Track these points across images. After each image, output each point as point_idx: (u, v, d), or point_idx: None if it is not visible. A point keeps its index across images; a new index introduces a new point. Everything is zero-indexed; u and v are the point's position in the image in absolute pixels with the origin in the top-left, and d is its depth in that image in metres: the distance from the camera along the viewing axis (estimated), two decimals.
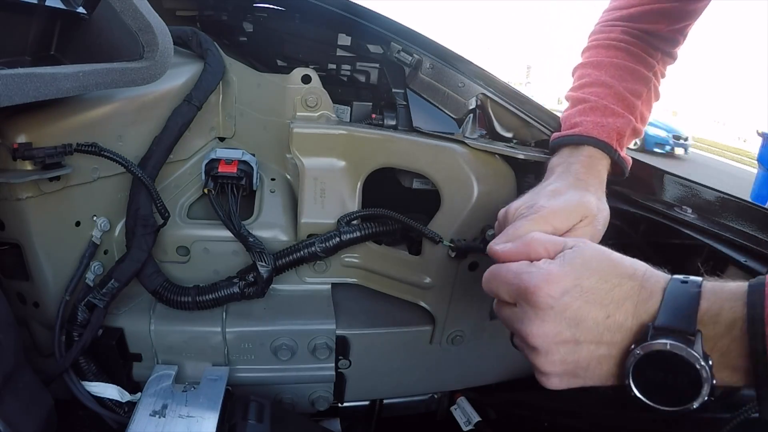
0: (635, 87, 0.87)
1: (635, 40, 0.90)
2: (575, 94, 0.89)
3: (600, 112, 0.84)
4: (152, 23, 0.73)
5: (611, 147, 0.81)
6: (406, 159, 0.93)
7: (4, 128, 0.67)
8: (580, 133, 0.83)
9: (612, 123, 0.82)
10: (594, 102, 0.85)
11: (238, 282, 0.89)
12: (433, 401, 1.27)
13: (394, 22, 1.01)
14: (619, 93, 0.85)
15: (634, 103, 0.86)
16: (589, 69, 0.90)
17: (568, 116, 0.87)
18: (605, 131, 0.82)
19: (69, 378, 0.79)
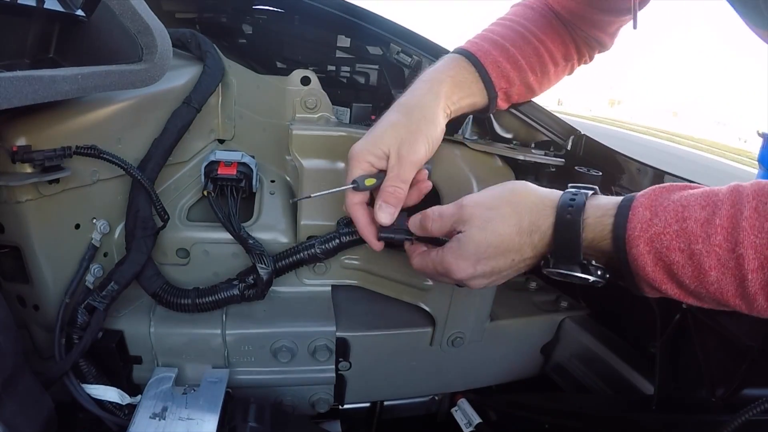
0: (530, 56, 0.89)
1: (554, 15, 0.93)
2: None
3: (488, 41, 0.87)
4: (151, 25, 0.73)
5: (473, 55, 0.84)
6: None
7: (3, 131, 0.67)
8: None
9: (490, 51, 0.85)
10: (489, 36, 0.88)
11: (238, 284, 0.89)
12: (434, 403, 1.27)
13: (393, 23, 1.01)
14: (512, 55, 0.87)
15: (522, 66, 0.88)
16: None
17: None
18: (481, 50, 0.85)
19: (69, 381, 0.79)
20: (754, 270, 0.48)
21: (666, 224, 0.53)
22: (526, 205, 0.63)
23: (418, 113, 0.76)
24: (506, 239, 0.63)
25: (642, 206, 0.55)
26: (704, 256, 0.51)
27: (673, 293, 0.56)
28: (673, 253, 0.52)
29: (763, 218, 0.48)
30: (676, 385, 0.82)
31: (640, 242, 0.54)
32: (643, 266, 0.55)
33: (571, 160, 0.97)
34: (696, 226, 0.51)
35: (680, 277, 0.53)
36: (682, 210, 0.53)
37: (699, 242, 0.51)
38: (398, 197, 0.73)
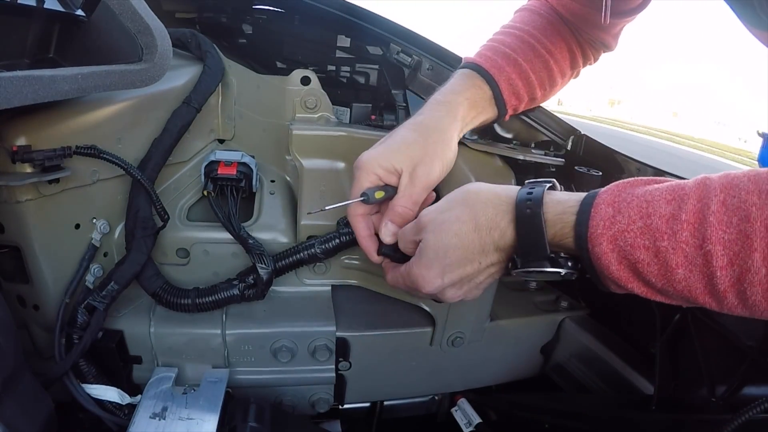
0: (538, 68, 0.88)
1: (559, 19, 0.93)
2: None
3: (502, 55, 0.86)
4: (151, 25, 0.73)
5: (490, 75, 0.83)
6: None
7: (3, 131, 0.67)
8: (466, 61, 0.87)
9: (501, 63, 0.85)
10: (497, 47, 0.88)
11: (238, 284, 0.89)
12: (434, 403, 1.27)
13: (393, 23, 1.01)
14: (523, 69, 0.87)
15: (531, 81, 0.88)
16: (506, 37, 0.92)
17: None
18: (496, 67, 0.84)
19: (69, 380, 0.79)
20: (723, 267, 0.46)
21: (630, 221, 0.51)
22: (480, 203, 0.62)
23: (435, 136, 0.76)
24: (464, 238, 0.61)
25: (604, 203, 0.53)
26: (670, 253, 0.49)
27: (639, 291, 0.54)
28: (638, 251, 0.50)
29: (732, 213, 0.46)
30: (676, 384, 0.82)
31: (602, 240, 0.52)
32: (607, 265, 0.53)
33: (571, 160, 0.97)
34: (661, 222, 0.49)
35: (646, 276, 0.51)
36: (646, 205, 0.51)
37: (665, 239, 0.49)
38: (406, 219, 0.73)
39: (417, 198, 0.73)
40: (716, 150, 15.64)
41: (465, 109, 0.80)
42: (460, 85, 0.83)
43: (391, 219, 0.73)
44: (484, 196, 0.62)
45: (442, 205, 0.66)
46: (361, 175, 0.74)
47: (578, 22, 0.91)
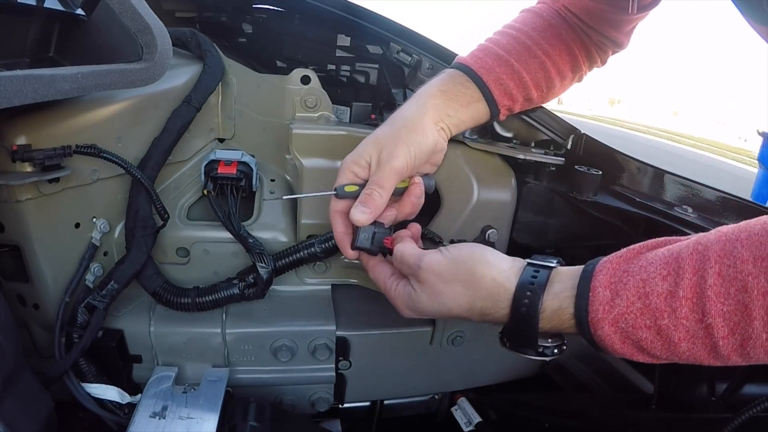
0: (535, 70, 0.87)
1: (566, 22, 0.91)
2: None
3: (493, 55, 0.85)
4: (151, 24, 0.73)
5: (475, 73, 0.82)
6: None
7: (3, 130, 0.67)
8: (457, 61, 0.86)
9: (492, 65, 0.84)
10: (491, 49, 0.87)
11: (238, 283, 0.89)
12: (434, 402, 1.27)
13: (393, 22, 1.01)
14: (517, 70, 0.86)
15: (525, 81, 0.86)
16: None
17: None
18: (476, 61, 0.84)
19: (69, 380, 0.79)
20: (724, 337, 0.47)
21: (628, 303, 0.51)
22: (481, 291, 0.62)
23: (400, 122, 0.76)
24: (454, 313, 0.65)
25: (601, 285, 0.54)
26: (672, 330, 0.49)
27: (646, 361, 0.55)
28: (640, 331, 0.51)
29: (729, 284, 0.47)
30: (676, 383, 0.82)
31: (604, 324, 0.53)
32: (611, 345, 0.54)
33: (571, 160, 0.97)
34: (659, 300, 0.50)
35: (651, 351, 0.52)
36: (642, 285, 0.51)
37: (665, 317, 0.49)
38: (375, 201, 0.72)
39: (383, 181, 0.73)
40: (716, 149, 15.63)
41: (438, 99, 0.79)
42: (436, 80, 0.83)
43: (360, 200, 0.73)
44: (486, 284, 0.62)
45: (444, 271, 0.65)
46: (339, 174, 0.76)
47: (592, 20, 0.90)
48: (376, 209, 0.73)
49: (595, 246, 1.00)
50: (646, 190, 0.95)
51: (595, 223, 0.97)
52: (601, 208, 0.95)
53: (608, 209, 0.94)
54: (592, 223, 0.98)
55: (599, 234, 0.99)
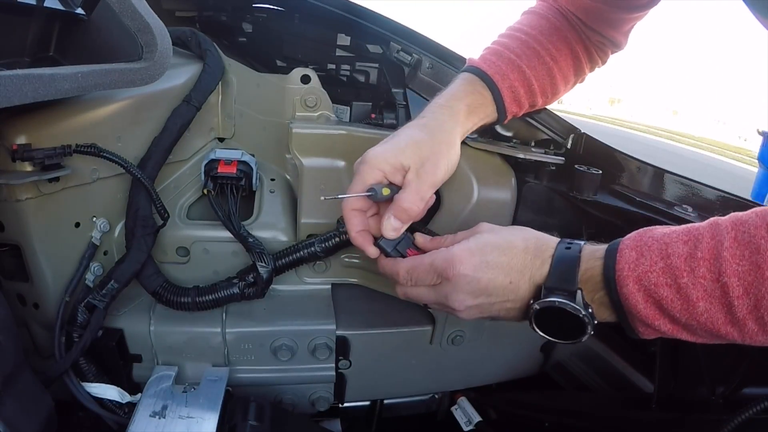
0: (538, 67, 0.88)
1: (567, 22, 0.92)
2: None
3: (506, 61, 0.85)
4: (151, 24, 0.73)
5: (492, 81, 0.83)
6: None
7: (3, 129, 0.67)
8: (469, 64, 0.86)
9: (502, 66, 0.84)
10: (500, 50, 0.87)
11: (238, 282, 0.89)
12: (434, 401, 1.27)
13: (393, 22, 1.01)
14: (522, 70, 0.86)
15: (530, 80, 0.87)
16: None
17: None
18: (499, 73, 0.84)
19: (69, 379, 0.79)
20: (739, 296, 0.50)
21: (652, 262, 0.55)
22: (532, 234, 0.67)
23: (440, 136, 0.75)
24: (513, 250, 0.65)
25: (628, 248, 0.58)
26: (691, 288, 0.53)
27: (666, 329, 0.57)
28: (661, 289, 0.54)
29: (743, 246, 0.51)
30: (676, 383, 0.82)
31: (629, 281, 0.56)
32: (635, 304, 0.57)
33: (571, 159, 0.97)
34: (680, 261, 0.54)
35: (671, 311, 0.55)
36: (665, 247, 0.56)
37: (684, 276, 0.53)
38: (411, 215, 0.72)
39: (424, 195, 0.72)
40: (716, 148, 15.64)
41: (465, 115, 0.80)
42: (462, 90, 0.82)
43: (396, 215, 0.71)
44: (536, 233, 0.67)
45: (497, 225, 0.70)
46: (365, 170, 0.73)
47: (590, 20, 0.90)
48: (408, 223, 0.73)
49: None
50: (646, 189, 0.95)
51: (595, 223, 0.97)
52: (601, 207, 0.95)
53: (608, 208, 0.94)
54: (592, 223, 0.98)
55: (599, 233, 0.98)
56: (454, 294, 0.66)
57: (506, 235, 0.67)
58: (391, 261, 0.74)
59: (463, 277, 0.64)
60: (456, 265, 0.65)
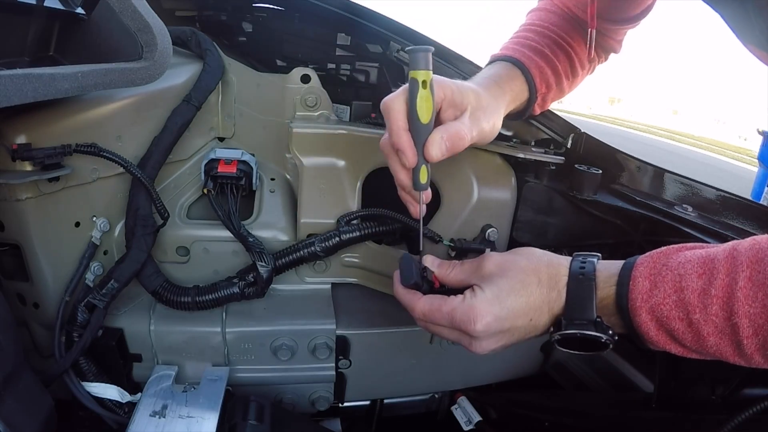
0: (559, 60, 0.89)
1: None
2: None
3: (528, 47, 0.87)
4: (151, 23, 0.73)
5: (523, 65, 0.83)
6: None
7: (4, 129, 0.67)
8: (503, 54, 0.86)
9: (533, 57, 0.85)
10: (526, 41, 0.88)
11: (238, 282, 0.89)
12: (434, 401, 1.27)
13: (393, 21, 1.01)
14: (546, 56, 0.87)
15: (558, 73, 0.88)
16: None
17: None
18: (526, 57, 0.85)
19: (69, 379, 0.79)
20: (748, 336, 0.51)
21: (665, 294, 0.55)
22: (544, 263, 0.65)
23: (494, 99, 0.75)
24: (528, 290, 0.63)
25: (642, 276, 0.58)
26: (702, 324, 0.53)
27: (677, 351, 0.58)
28: (673, 322, 0.55)
29: (757, 288, 0.50)
30: (676, 383, 0.82)
31: (642, 312, 0.57)
32: (647, 332, 0.57)
33: (571, 159, 0.97)
34: (693, 296, 0.54)
35: (682, 341, 0.56)
36: (679, 279, 0.55)
37: (697, 312, 0.53)
38: (456, 143, 0.66)
39: (474, 133, 0.69)
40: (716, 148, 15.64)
41: (510, 99, 0.80)
42: (504, 75, 0.82)
43: (448, 136, 0.66)
44: (546, 257, 0.66)
45: (503, 256, 0.68)
46: (439, 81, 0.67)
47: (584, 26, 0.92)
48: (453, 153, 0.67)
49: (595, 245, 1.00)
50: (646, 188, 0.95)
51: (595, 222, 0.97)
52: (601, 206, 0.95)
53: (608, 208, 0.94)
54: (592, 222, 0.98)
55: (599, 233, 0.99)
56: (476, 343, 0.65)
57: (518, 274, 0.64)
58: (408, 295, 0.71)
59: (486, 329, 0.63)
60: (477, 321, 0.62)
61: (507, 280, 0.64)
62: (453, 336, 0.67)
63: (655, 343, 0.58)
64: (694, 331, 0.54)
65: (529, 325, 0.64)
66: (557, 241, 1.03)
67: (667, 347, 0.58)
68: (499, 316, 0.63)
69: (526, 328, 0.64)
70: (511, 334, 0.65)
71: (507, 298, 0.63)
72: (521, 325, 0.64)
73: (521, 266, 0.65)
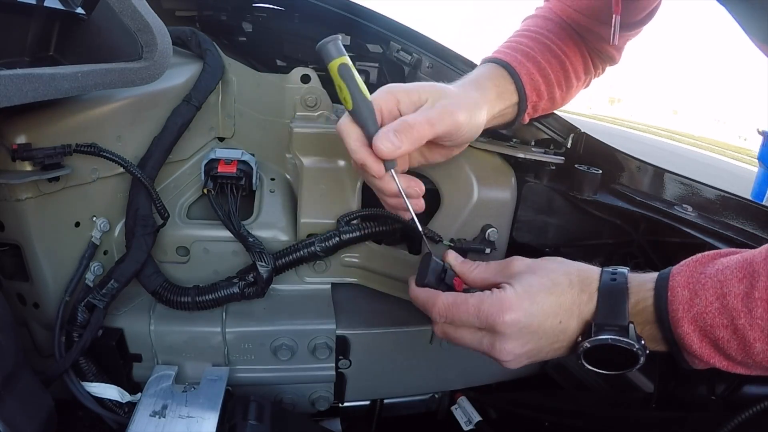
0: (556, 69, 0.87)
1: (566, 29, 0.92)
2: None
3: (520, 51, 0.84)
4: (151, 23, 0.73)
5: (512, 67, 0.81)
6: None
7: (3, 129, 0.67)
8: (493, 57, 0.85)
9: (525, 63, 0.83)
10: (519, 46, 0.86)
11: (238, 282, 0.89)
12: (434, 401, 1.27)
13: (393, 21, 1.01)
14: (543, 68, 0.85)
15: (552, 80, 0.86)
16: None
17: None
18: (516, 61, 0.82)
19: (69, 378, 0.79)
20: None
21: (707, 302, 0.54)
22: (574, 266, 0.64)
23: (464, 92, 0.73)
24: (559, 290, 0.61)
25: (680, 285, 0.56)
26: (748, 329, 0.51)
27: (721, 365, 0.56)
28: (718, 330, 0.53)
29: None
30: (676, 383, 0.82)
31: (684, 322, 0.55)
32: (690, 344, 0.55)
33: (571, 159, 0.97)
34: (736, 301, 0.52)
35: (727, 351, 0.54)
36: (720, 286, 0.53)
37: (741, 317, 0.51)
38: (411, 135, 0.62)
39: (433, 122, 0.64)
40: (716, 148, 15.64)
41: (493, 96, 0.78)
42: (487, 73, 0.80)
43: (396, 127, 0.62)
44: (575, 263, 0.64)
45: (531, 260, 0.66)
46: (379, 94, 0.66)
47: (584, 33, 0.91)
48: (407, 146, 0.62)
49: (595, 245, 1.00)
50: (646, 188, 0.95)
51: (595, 222, 0.97)
52: (601, 206, 0.95)
53: (608, 208, 0.94)
54: (593, 222, 0.98)
55: (599, 233, 0.99)
56: (501, 343, 0.61)
57: (549, 273, 0.62)
58: (427, 292, 0.67)
59: (514, 324, 0.59)
60: (506, 312, 0.59)
61: (538, 278, 0.62)
62: (475, 339, 0.64)
63: (699, 356, 0.56)
64: (739, 338, 0.52)
65: (557, 327, 0.60)
66: (557, 241, 1.03)
67: (711, 361, 0.56)
68: (530, 312, 0.59)
69: (554, 332, 0.61)
70: (539, 338, 0.61)
71: (537, 294, 0.60)
72: (549, 327, 0.60)
73: (552, 267, 0.63)
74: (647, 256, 0.93)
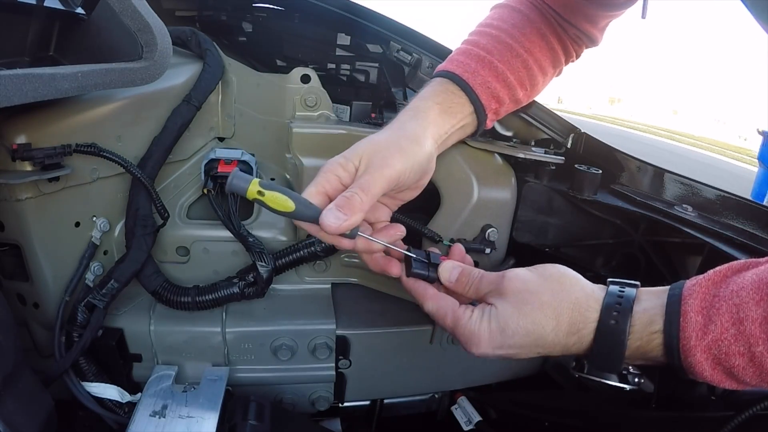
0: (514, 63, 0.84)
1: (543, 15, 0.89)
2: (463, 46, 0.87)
3: (476, 58, 0.82)
4: (151, 23, 0.73)
5: (462, 79, 0.79)
6: None
7: (3, 129, 0.67)
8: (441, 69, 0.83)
9: (475, 68, 0.80)
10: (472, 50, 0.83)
11: (238, 282, 0.89)
12: (434, 401, 1.27)
13: (393, 21, 1.01)
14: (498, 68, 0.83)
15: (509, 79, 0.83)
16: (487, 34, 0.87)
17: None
18: (469, 71, 0.80)
19: (69, 379, 0.79)
20: None
21: (722, 329, 0.50)
22: (569, 302, 0.59)
23: (400, 132, 0.72)
24: (540, 333, 0.59)
25: (693, 311, 0.53)
26: (766, 357, 0.48)
27: (731, 386, 0.54)
28: (733, 358, 0.50)
29: None
30: (676, 383, 0.82)
31: (696, 352, 0.52)
32: (701, 372, 0.53)
33: (571, 159, 0.97)
34: (754, 326, 0.49)
35: (741, 377, 0.51)
36: (736, 310, 0.50)
37: (760, 344, 0.48)
38: (354, 207, 0.63)
39: (368, 186, 0.64)
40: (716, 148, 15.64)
41: (436, 114, 0.76)
42: (429, 92, 0.79)
43: (337, 203, 0.63)
44: (575, 294, 0.60)
45: (529, 277, 0.63)
46: (318, 175, 0.67)
47: (568, 13, 0.88)
48: (353, 217, 0.63)
49: (595, 245, 1.00)
50: (646, 188, 0.95)
51: (595, 222, 0.97)
52: (601, 206, 0.95)
53: (608, 208, 0.94)
54: (592, 222, 0.98)
55: (599, 233, 0.99)
56: (474, 350, 0.64)
57: (533, 312, 0.60)
58: (416, 285, 0.72)
59: (483, 355, 0.63)
60: (476, 347, 0.62)
61: (521, 317, 0.60)
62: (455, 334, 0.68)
63: (708, 381, 0.53)
64: (756, 366, 0.49)
65: (535, 353, 0.61)
66: (557, 241, 1.03)
67: (721, 384, 0.53)
68: (500, 347, 0.61)
69: (532, 354, 0.62)
70: (514, 355, 0.62)
71: (513, 336, 0.60)
72: (525, 353, 0.61)
73: (542, 301, 0.60)
74: (647, 256, 0.93)
